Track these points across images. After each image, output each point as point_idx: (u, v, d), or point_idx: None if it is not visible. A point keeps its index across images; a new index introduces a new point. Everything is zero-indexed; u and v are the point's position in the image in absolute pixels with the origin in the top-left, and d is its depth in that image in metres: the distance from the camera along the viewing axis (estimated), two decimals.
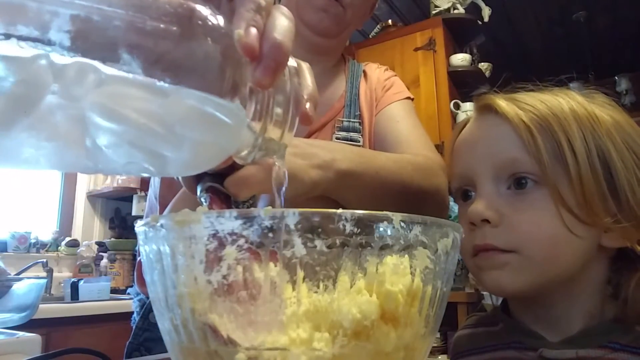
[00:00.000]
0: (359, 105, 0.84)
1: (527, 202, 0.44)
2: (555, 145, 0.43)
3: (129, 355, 0.88)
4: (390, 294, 0.29)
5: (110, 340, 1.80)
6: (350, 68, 0.90)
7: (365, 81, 0.88)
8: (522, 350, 0.46)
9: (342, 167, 0.53)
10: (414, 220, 0.30)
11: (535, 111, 0.45)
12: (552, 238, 0.43)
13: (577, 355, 0.42)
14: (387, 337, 0.29)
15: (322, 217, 0.28)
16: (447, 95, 2.61)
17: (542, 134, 0.44)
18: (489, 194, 0.46)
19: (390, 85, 0.88)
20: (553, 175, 0.43)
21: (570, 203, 0.43)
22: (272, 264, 0.28)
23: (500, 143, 0.46)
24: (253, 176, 0.43)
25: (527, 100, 0.47)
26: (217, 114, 0.31)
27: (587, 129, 0.44)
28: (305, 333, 0.27)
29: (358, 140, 0.81)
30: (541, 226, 0.43)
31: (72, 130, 0.29)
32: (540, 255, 0.44)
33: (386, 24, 3.04)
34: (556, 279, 0.45)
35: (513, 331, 0.49)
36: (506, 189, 0.46)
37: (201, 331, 0.28)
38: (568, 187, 0.43)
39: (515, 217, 0.44)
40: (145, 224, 0.32)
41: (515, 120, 0.45)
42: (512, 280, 0.45)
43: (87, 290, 2.04)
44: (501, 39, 3.69)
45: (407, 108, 0.86)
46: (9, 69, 0.26)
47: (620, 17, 3.47)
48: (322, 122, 0.81)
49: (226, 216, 0.28)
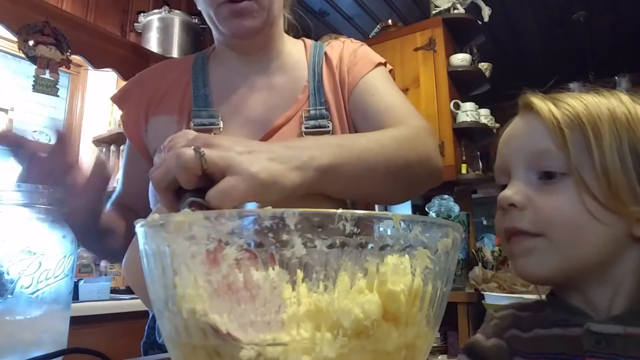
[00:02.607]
0: (324, 90, 0.81)
1: (553, 189, 0.47)
2: (582, 138, 0.47)
3: (146, 353, 0.90)
4: (393, 293, 0.29)
5: (110, 340, 1.80)
6: (312, 53, 0.86)
7: (327, 65, 0.84)
8: (567, 328, 0.47)
9: (322, 163, 0.53)
10: (414, 220, 0.30)
11: (570, 108, 0.48)
12: (574, 222, 0.46)
13: (624, 331, 0.44)
14: (388, 337, 0.29)
15: (322, 217, 0.28)
16: (447, 95, 2.61)
17: (571, 127, 0.47)
18: (519, 182, 0.50)
19: (357, 60, 0.83)
20: (578, 165, 0.46)
21: (594, 190, 0.45)
22: (271, 268, 0.28)
23: (533, 136, 0.50)
24: (233, 187, 0.43)
25: (566, 99, 0.50)
26: None
27: (622, 125, 0.47)
28: (307, 332, 0.27)
29: (327, 126, 0.78)
30: (564, 210, 0.46)
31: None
32: (564, 239, 0.46)
33: (386, 24, 3.04)
34: (584, 266, 0.47)
35: (559, 310, 0.50)
36: (537, 179, 0.49)
37: (201, 331, 0.28)
38: (593, 176, 0.46)
39: (540, 201, 0.48)
40: (145, 224, 0.32)
41: (547, 115, 0.48)
42: (539, 267, 0.47)
43: (87, 290, 2.03)
44: (501, 39, 3.69)
45: (379, 77, 0.82)
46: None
47: (620, 17, 3.48)
48: (288, 116, 0.79)
49: (226, 216, 0.28)
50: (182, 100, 0.81)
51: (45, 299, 0.54)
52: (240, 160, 0.45)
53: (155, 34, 2.51)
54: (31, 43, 2.06)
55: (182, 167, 0.42)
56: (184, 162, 0.42)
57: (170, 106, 0.81)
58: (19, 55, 2.31)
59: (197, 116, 0.78)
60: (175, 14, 2.57)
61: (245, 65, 0.84)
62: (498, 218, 0.51)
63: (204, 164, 0.43)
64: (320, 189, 0.56)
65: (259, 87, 0.83)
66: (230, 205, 0.43)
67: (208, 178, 0.44)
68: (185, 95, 0.82)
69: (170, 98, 0.82)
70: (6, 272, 0.52)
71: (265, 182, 0.45)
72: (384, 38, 2.90)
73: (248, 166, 0.45)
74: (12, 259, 0.52)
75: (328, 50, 0.86)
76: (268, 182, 0.46)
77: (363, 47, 0.87)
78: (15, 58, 2.59)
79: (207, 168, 0.43)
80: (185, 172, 0.42)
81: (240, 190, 0.43)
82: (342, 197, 0.62)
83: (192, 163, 0.42)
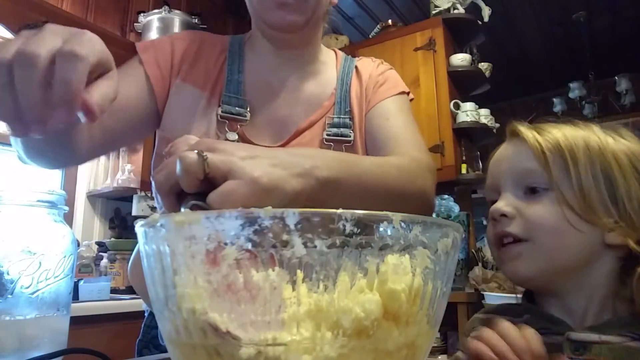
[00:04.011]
0: (350, 101, 0.83)
1: (538, 201, 0.56)
2: (561, 161, 0.55)
3: (140, 353, 0.89)
4: (393, 292, 0.29)
5: (110, 340, 1.80)
6: (343, 64, 0.88)
7: (357, 77, 0.86)
8: (549, 335, 0.52)
9: (324, 175, 0.53)
10: (414, 220, 0.30)
11: (551, 136, 0.57)
12: (556, 229, 0.54)
13: (600, 339, 0.50)
14: (389, 336, 0.29)
15: (322, 217, 0.28)
16: (447, 95, 2.61)
17: (552, 151, 0.56)
18: (508, 196, 0.58)
19: (384, 81, 0.86)
20: (558, 182, 0.55)
21: (572, 203, 0.54)
22: (271, 269, 0.28)
23: (520, 158, 0.58)
24: (234, 191, 0.43)
25: (548, 128, 0.58)
26: None
27: (595, 151, 0.55)
28: (308, 332, 0.27)
29: (349, 135, 0.80)
30: (548, 219, 0.54)
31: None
32: (547, 243, 0.54)
33: (386, 24, 3.04)
34: (564, 268, 0.55)
35: (540, 319, 0.56)
36: (523, 193, 0.57)
37: (201, 330, 0.28)
38: (571, 192, 0.54)
39: (527, 211, 0.56)
40: (145, 224, 0.32)
41: (532, 141, 0.57)
42: (526, 268, 0.55)
43: (87, 290, 2.03)
44: (501, 39, 3.69)
45: (399, 104, 0.84)
46: None
47: (620, 17, 3.48)
48: (312, 120, 0.80)
49: (226, 216, 0.28)
50: (216, 79, 0.80)
51: (45, 299, 0.54)
52: (242, 165, 0.45)
53: (155, 34, 2.51)
54: None
55: (185, 170, 0.42)
56: (187, 166, 0.42)
57: (202, 79, 0.80)
58: None
59: (227, 102, 0.78)
60: (175, 14, 2.57)
61: (279, 61, 0.83)
62: (489, 228, 0.59)
63: (207, 168, 0.43)
64: (318, 201, 0.56)
65: (289, 88, 0.83)
66: (230, 208, 0.43)
67: (210, 182, 0.44)
68: (220, 75, 0.81)
69: (202, 71, 0.81)
70: (6, 272, 0.52)
71: (266, 186, 0.45)
72: (384, 38, 2.90)
73: (250, 171, 0.45)
74: (12, 259, 0.52)
75: (359, 64, 0.88)
76: (269, 187, 0.46)
77: (392, 71, 0.91)
78: None
79: (209, 172, 0.43)
80: (187, 176, 0.43)
81: (241, 194, 0.43)
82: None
83: (194, 166, 0.42)
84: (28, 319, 0.52)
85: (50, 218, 0.57)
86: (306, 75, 0.85)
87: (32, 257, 0.53)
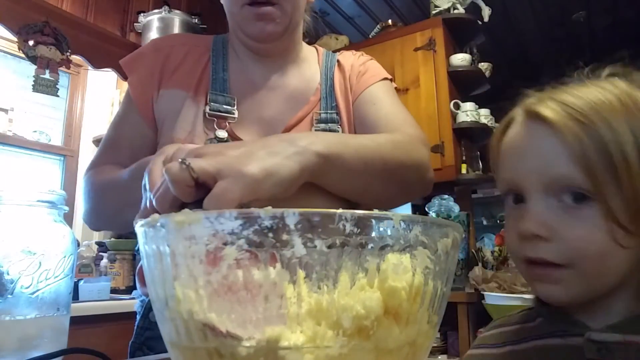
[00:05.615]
0: (335, 96, 0.84)
1: (578, 217, 0.45)
2: (607, 156, 0.43)
3: (132, 355, 0.89)
4: (394, 290, 0.29)
5: (110, 340, 1.80)
6: (324, 59, 0.89)
7: (339, 70, 0.87)
8: (567, 337, 0.47)
9: (320, 149, 0.53)
10: (414, 220, 0.30)
11: (593, 129, 0.44)
12: (603, 254, 0.44)
13: (624, 339, 0.44)
14: (390, 334, 0.29)
15: (322, 217, 0.28)
16: (447, 95, 2.60)
17: (598, 152, 0.43)
18: (539, 209, 0.46)
19: (366, 70, 0.87)
20: (605, 189, 0.43)
21: (621, 218, 0.43)
22: (272, 268, 0.28)
23: (551, 157, 0.46)
24: (227, 190, 0.43)
25: (573, 101, 0.46)
26: None
27: (637, 121, 0.44)
28: (309, 331, 0.27)
29: (337, 130, 0.81)
30: (593, 242, 0.44)
31: None
32: (591, 269, 0.45)
33: (386, 24, 3.04)
34: (607, 288, 0.46)
35: (557, 321, 0.49)
36: (557, 202, 0.46)
37: (201, 331, 0.28)
38: (619, 200, 0.43)
39: (566, 233, 0.45)
40: (145, 224, 0.32)
41: (571, 140, 0.44)
42: (564, 294, 0.46)
43: (87, 290, 2.03)
44: (501, 39, 3.69)
45: (383, 89, 0.85)
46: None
47: (620, 17, 3.47)
48: (299, 117, 0.81)
49: (226, 216, 0.28)
50: (200, 78, 0.81)
51: (45, 299, 0.54)
52: (229, 162, 0.45)
53: (155, 34, 2.51)
54: (31, 43, 2.06)
55: (172, 181, 0.42)
56: (172, 176, 0.42)
57: (186, 81, 0.80)
58: (19, 55, 2.31)
59: (214, 100, 0.78)
60: (175, 14, 2.57)
61: (261, 64, 0.84)
62: (514, 242, 0.48)
63: (193, 174, 0.43)
64: (319, 178, 0.56)
65: (272, 85, 0.84)
66: (229, 208, 0.43)
67: (206, 188, 0.43)
68: (204, 74, 0.81)
69: (186, 72, 0.81)
70: (6, 272, 0.52)
71: (257, 176, 0.45)
72: (384, 38, 2.89)
73: (237, 166, 0.44)
74: (12, 259, 0.52)
75: (341, 58, 0.89)
76: (261, 176, 0.45)
77: (373, 61, 0.91)
78: (15, 58, 2.60)
79: (198, 177, 0.43)
80: (177, 186, 0.42)
81: (234, 191, 0.43)
82: (339, 191, 0.62)
83: (179, 175, 0.42)
84: (28, 319, 0.52)
85: (50, 218, 0.57)
86: (290, 73, 0.85)
87: (32, 257, 0.53)
